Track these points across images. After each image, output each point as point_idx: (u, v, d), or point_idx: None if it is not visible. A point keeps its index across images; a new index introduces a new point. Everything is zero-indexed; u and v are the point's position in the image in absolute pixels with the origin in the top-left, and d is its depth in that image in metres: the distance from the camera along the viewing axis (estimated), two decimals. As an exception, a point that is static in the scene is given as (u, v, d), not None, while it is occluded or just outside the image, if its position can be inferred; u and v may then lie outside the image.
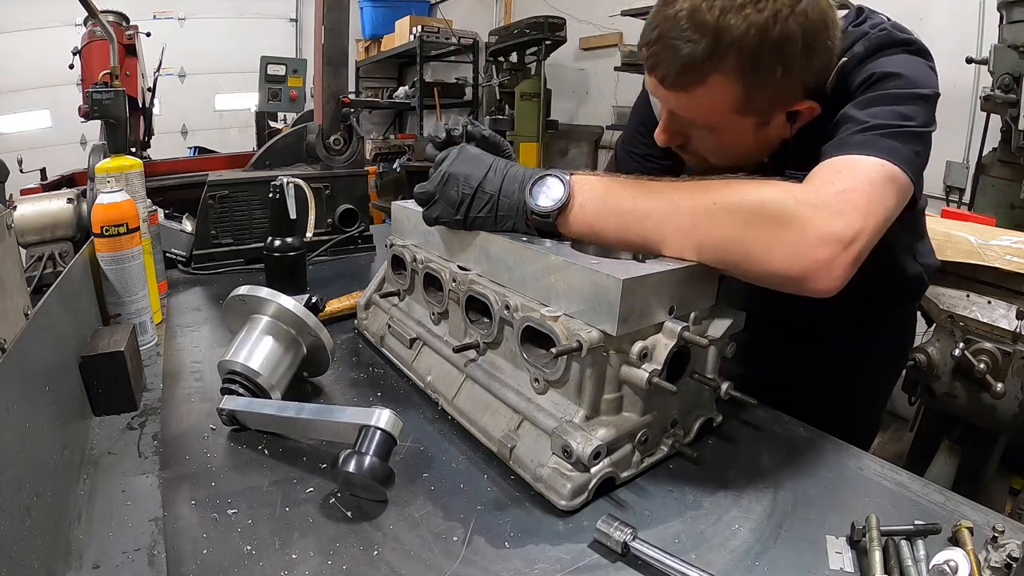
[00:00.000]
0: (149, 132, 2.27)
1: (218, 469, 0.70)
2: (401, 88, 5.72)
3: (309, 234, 1.32)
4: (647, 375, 0.64)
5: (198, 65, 5.38)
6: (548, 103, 4.20)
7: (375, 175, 4.75)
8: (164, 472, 0.68)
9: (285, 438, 0.75)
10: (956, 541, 0.58)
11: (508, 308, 0.72)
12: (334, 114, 1.54)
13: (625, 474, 0.68)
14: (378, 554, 0.57)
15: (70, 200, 1.34)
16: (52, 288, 0.75)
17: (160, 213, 1.31)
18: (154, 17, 4.98)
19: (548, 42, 3.99)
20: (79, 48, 2.01)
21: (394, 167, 5.00)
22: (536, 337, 0.70)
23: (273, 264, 1.26)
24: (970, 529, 0.58)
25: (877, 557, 0.55)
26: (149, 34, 2.32)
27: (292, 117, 2.13)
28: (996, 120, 2.20)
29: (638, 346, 0.65)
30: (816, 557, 0.58)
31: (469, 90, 5.48)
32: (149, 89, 2.30)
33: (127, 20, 2.13)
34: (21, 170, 2.13)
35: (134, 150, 1.78)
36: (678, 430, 0.73)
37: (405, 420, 0.68)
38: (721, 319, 0.74)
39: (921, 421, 1.84)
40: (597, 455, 0.63)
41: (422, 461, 0.73)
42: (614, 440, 0.66)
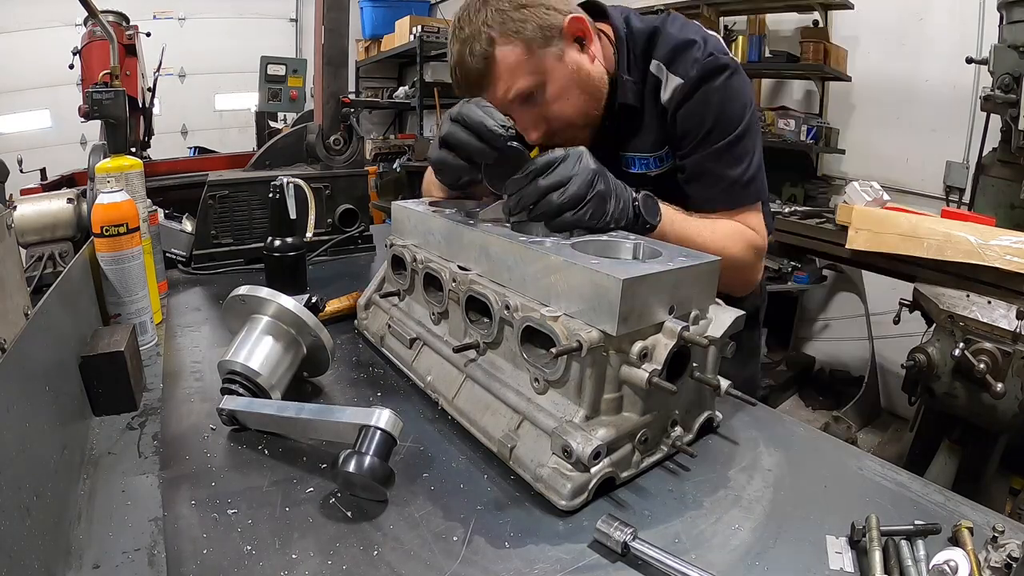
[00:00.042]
0: (149, 132, 2.27)
1: (218, 469, 0.70)
2: (401, 88, 5.73)
3: (309, 234, 1.32)
4: (647, 375, 0.64)
5: (198, 65, 5.38)
6: (548, 103, 4.18)
7: (375, 175, 4.76)
8: (164, 472, 0.68)
9: (285, 438, 0.75)
10: (956, 541, 0.58)
11: (508, 308, 0.72)
12: (334, 114, 1.54)
13: (625, 474, 0.68)
14: (378, 554, 0.57)
15: (70, 200, 1.34)
16: (52, 288, 0.75)
17: (160, 213, 1.31)
18: (154, 17, 4.99)
19: (548, 42, 3.97)
20: (79, 48, 2.01)
21: (394, 167, 5.01)
22: (536, 337, 0.70)
23: (273, 264, 1.26)
24: (970, 529, 0.58)
25: (877, 557, 0.55)
26: (149, 34, 2.32)
27: (292, 117, 2.13)
28: (996, 120, 2.20)
29: (638, 346, 0.65)
30: (816, 557, 0.58)
31: (469, 90, 5.47)
32: (149, 89, 2.30)
33: (127, 20, 2.13)
34: (21, 170, 2.13)
35: (134, 150, 1.78)
36: (678, 430, 0.73)
37: (405, 420, 0.68)
38: (721, 319, 0.74)
39: (921, 421, 1.84)
40: (597, 455, 0.63)
41: (422, 461, 0.73)
42: (614, 440, 0.66)
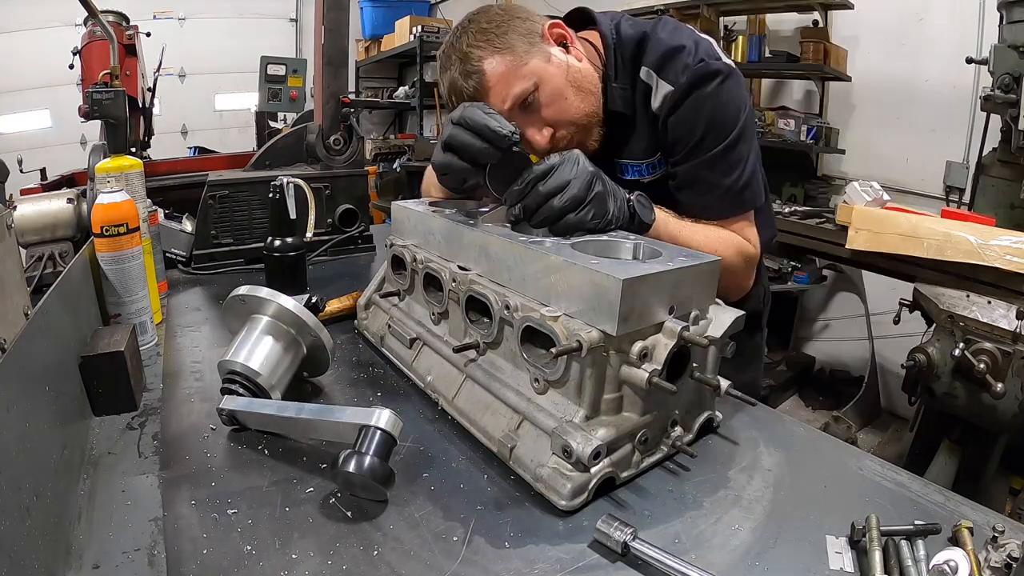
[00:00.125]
0: (149, 132, 2.27)
1: (218, 469, 0.70)
2: (401, 88, 5.73)
3: (309, 234, 1.32)
4: (647, 375, 0.64)
5: (198, 65, 5.38)
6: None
7: (375, 175, 4.75)
8: (164, 472, 0.68)
9: (285, 438, 0.75)
10: (956, 541, 0.58)
11: (508, 308, 0.72)
12: (334, 114, 1.54)
13: (625, 474, 0.68)
14: (378, 554, 0.57)
15: (70, 200, 1.34)
16: (52, 288, 0.75)
17: (160, 213, 1.31)
18: (154, 17, 4.99)
19: (548, 42, 3.97)
20: (79, 48, 2.01)
21: (394, 167, 5.01)
22: (536, 337, 0.70)
23: (273, 264, 1.26)
24: (970, 529, 0.58)
25: (877, 557, 0.55)
26: (149, 34, 2.32)
27: (292, 117, 2.13)
28: (996, 120, 2.20)
29: (638, 346, 0.65)
30: (816, 557, 0.58)
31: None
32: (149, 89, 2.30)
33: (127, 20, 2.13)
34: (21, 170, 2.13)
35: (134, 150, 1.78)
36: (678, 430, 0.73)
37: (405, 420, 0.68)
38: (721, 319, 0.74)
39: (921, 421, 1.84)
40: (597, 455, 0.63)
41: (422, 461, 0.73)
42: (614, 440, 0.65)
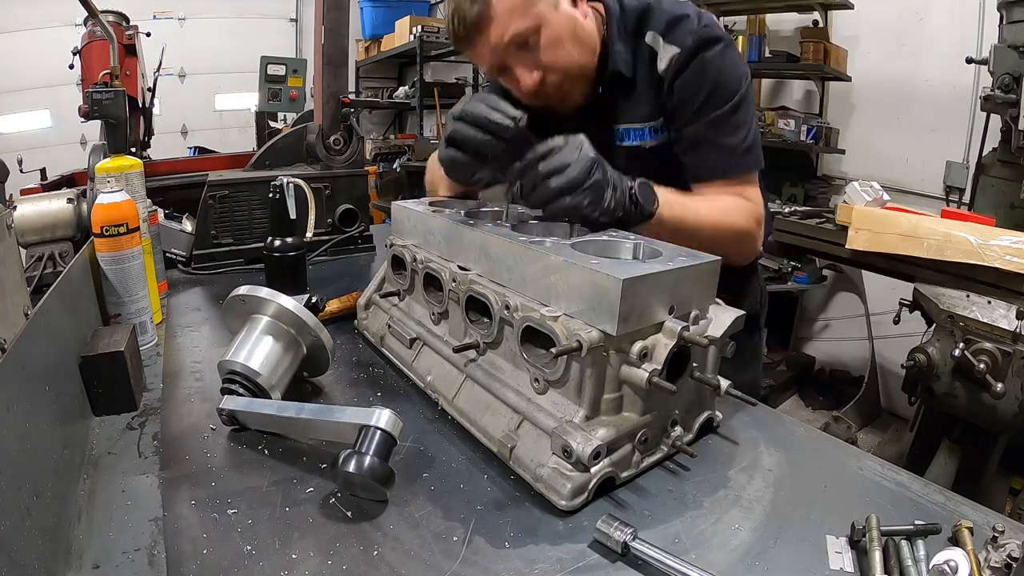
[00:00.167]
0: (149, 132, 2.27)
1: (218, 469, 0.70)
2: (401, 88, 5.72)
3: (309, 234, 1.32)
4: (647, 375, 0.64)
5: (198, 65, 5.38)
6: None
7: (375, 175, 4.75)
8: (164, 472, 0.68)
9: (285, 438, 0.75)
10: (956, 541, 0.58)
11: (508, 308, 0.72)
12: (334, 114, 1.54)
13: (625, 474, 0.68)
14: (378, 554, 0.57)
15: (70, 200, 1.34)
16: (52, 288, 0.75)
17: (160, 213, 1.31)
18: (154, 17, 4.98)
19: (548, 42, 3.97)
20: (79, 48, 2.02)
21: (394, 167, 5.00)
22: (536, 337, 0.70)
23: (273, 264, 1.26)
24: (970, 529, 0.58)
25: (877, 557, 0.55)
26: (149, 34, 2.32)
27: (292, 117, 2.13)
28: (996, 120, 2.20)
29: (638, 346, 0.65)
30: (816, 557, 0.58)
31: (469, 90, 5.48)
32: (149, 89, 2.30)
33: (127, 20, 2.13)
34: (21, 170, 2.13)
35: (134, 150, 1.78)
36: (678, 430, 0.73)
37: (405, 420, 0.68)
38: (721, 319, 0.73)
39: (921, 421, 1.84)
40: (597, 455, 0.63)
41: (422, 461, 0.73)
42: (614, 440, 0.65)
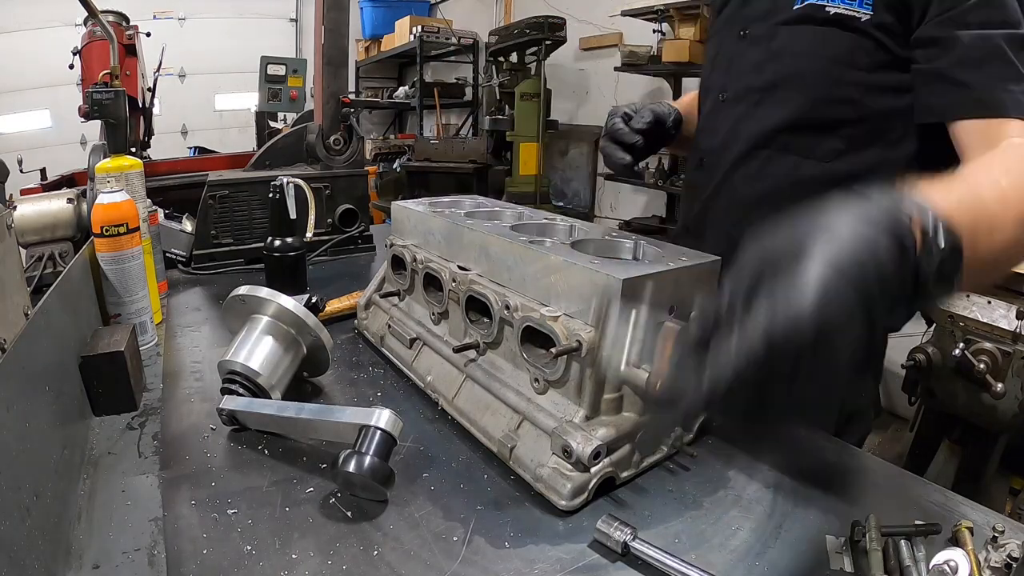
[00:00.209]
0: (149, 132, 2.27)
1: (218, 469, 0.70)
2: (401, 88, 5.73)
3: (309, 234, 1.32)
4: (647, 375, 0.64)
5: (198, 65, 5.39)
6: (548, 103, 4.19)
7: (375, 175, 4.76)
8: (164, 472, 0.68)
9: (285, 438, 0.75)
10: (956, 541, 0.58)
11: (508, 308, 0.72)
12: (334, 114, 1.54)
13: (625, 474, 0.68)
14: (378, 554, 0.57)
15: (70, 200, 1.34)
16: (52, 288, 0.75)
17: (160, 213, 1.31)
18: (154, 17, 4.99)
19: (548, 42, 3.97)
20: (79, 48, 2.02)
21: (394, 167, 5.01)
22: (536, 337, 0.70)
23: (273, 264, 1.26)
24: (970, 529, 0.58)
25: (877, 557, 0.55)
26: (149, 34, 2.33)
27: (292, 117, 2.13)
28: (996, 120, 2.20)
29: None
30: (816, 557, 0.58)
31: (469, 90, 5.50)
32: (149, 89, 2.30)
33: (127, 20, 2.13)
34: (21, 170, 2.13)
35: (134, 150, 1.78)
36: (678, 430, 0.73)
37: (405, 420, 0.68)
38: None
39: (921, 421, 1.84)
40: (597, 455, 0.63)
41: (422, 461, 0.73)
42: (614, 440, 0.65)
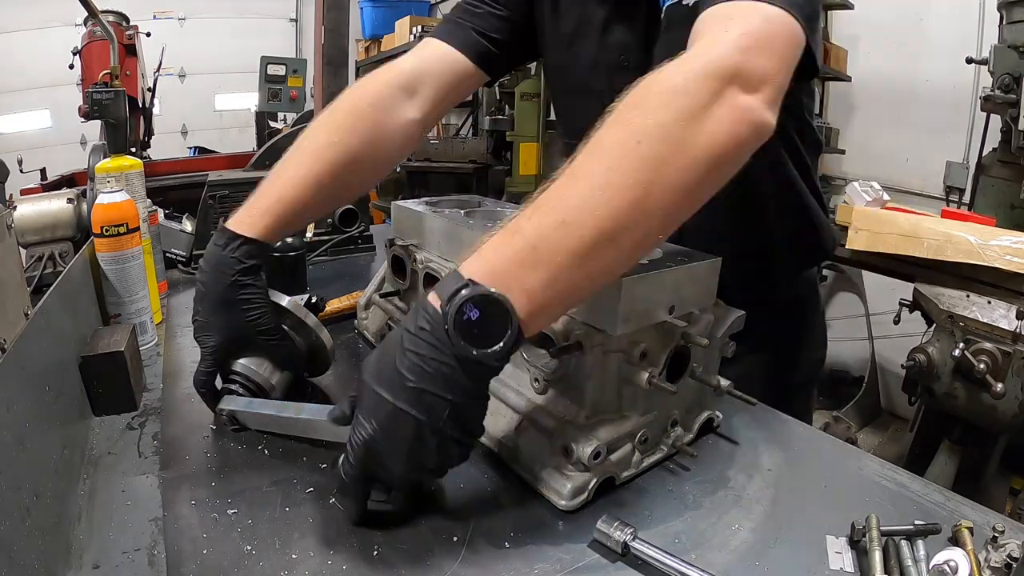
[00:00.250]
0: (149, 132, 2.28)
1: (218, 469, 0.70)
2: (401, 88, 5.72)
3: (309, 234, 1.32)
4: (647, 375, 0.64)
5: (198, 65, 5.39)
6: (548, 103, 4.19)
7: (375, 175, 4.74)
8: (164, 472, 0.68)
9: (285, 438, 0.75)
10: (956, 541, 0.58)
11: (508, 308, 0.72)
12: (334, 114, 1.54)
13: (625, 474, 0.68)
14: (378, 554, 0.57)
15: (70, 200, 1.34)
16: (52, 288, 0.75)
17: (160, 213, 1.31)
18: (154, 17, 4.99)
19: (548, 42, 3.98)
20: (79, 48, 2.02)
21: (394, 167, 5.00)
22: (536, 337, 0.70)
23: (273, 264, 1.25)
24: (970, 529, 0.58)
25: (877, 557, 0.55)
26: (149, 34, 2.33)
27: (292, 117, 2.14)
28: (996, 120, 2.20)
29: (638, 346, 0.65)
30: (816, 557, 0.58)
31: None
32: (149, 89, 2.30)
33: (127, 20, 2.13)
34: (21, 170, 2.14)
35: (134, 150, 1.78)
36: (678, 430, 0.73)
37: (405, 420, 0.68)
38: (721, 319, 0.74)
39: (921, 421, 1.84)
40: (597, 455, 0.63)
41: (422, 461, 0.72)
42: (614, 440, 0.65)
